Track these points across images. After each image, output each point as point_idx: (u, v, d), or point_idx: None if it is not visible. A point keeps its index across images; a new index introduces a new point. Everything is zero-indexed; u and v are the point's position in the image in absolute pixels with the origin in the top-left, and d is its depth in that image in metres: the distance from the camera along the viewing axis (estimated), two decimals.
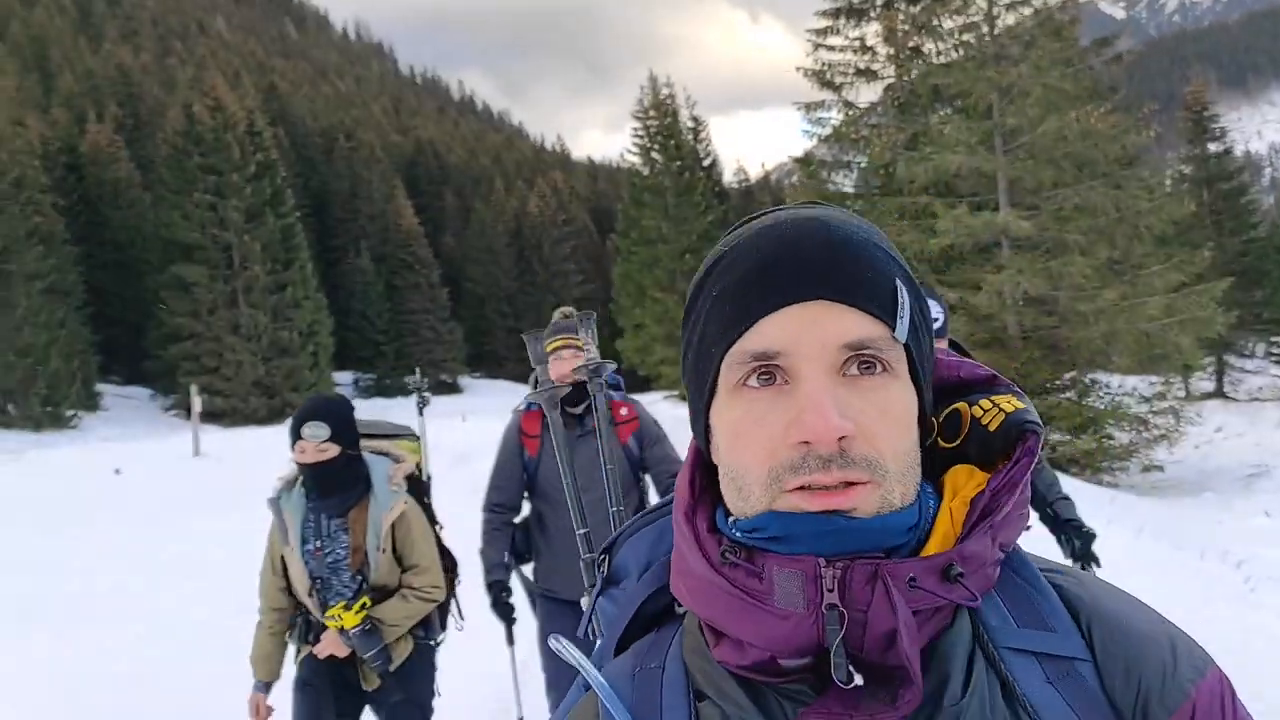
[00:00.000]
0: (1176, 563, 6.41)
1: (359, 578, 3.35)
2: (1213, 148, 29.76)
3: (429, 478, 3.78)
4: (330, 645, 3.33)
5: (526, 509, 4.09)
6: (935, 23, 13.42)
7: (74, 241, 40.12)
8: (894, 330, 0.70)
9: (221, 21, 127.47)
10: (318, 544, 3.34)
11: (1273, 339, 28.86)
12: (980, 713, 0.69)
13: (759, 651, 0.70)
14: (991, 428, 0.76)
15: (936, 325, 3.56)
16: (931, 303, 3.51)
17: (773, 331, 0.70)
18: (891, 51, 15.29)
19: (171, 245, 37.82)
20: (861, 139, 15.54)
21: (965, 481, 0.75)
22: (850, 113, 16.40)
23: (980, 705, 0.69)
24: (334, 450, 3.28)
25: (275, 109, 68.93)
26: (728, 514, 0.75)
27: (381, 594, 3.37)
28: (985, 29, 12.43)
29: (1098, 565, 3.75)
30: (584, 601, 1.65)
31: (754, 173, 74.11)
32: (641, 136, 37.95)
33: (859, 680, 0.67)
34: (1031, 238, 12.37)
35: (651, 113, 37.69)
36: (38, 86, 57.44)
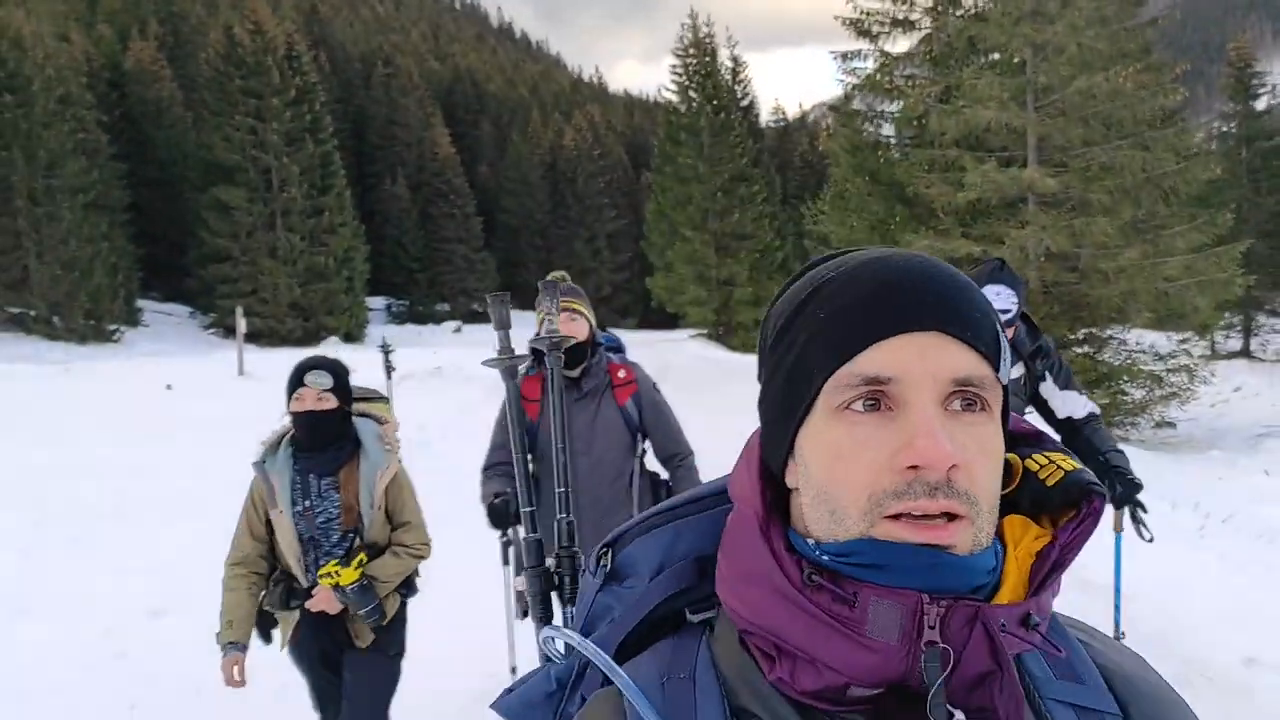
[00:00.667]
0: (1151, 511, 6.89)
1: (351, 536, 3.38)
2: (1257, 105, 29.40)
3: (391, 446, 3.73)
4: (324, 601, 3.35)
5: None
6: None
7: (117, 158, 40.78)
8: (998, 371, 0.73)
9: None
10: (307, 504, 3.36)
11: None
12: None
13: (835, 676, 0.71)
14: (1049, 483, 0.78)
15: (1009, 316, 3.78)
16: (1006, 294, 3.77)
17: (887, 357, 0.70)
18: (930, 3, 15.39)
19: (212, 166, 38.34)
20: (896, 89, 15.71)
21: (1022, 533, 0.77)
22: (886, 62, 16.52)
23: None
24: (333, 402, 3.34)
25: (315, 32, 68.94)
26: (803, 537, 0.76)
27: (373, 551, 3.42)
28: None
29: (1143, 510, 3.99)
30: (550, 561, 1.82)
31: (791, 112, 73.32)
32: (680, 74, 37.84)
33: (961, 717, 0.68)
34: (1057, 195, 12.59)
35: (691, 51, 37.52)
36: (81, 1, 57.79)
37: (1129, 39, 13.06)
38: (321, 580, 3.31)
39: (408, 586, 3.55)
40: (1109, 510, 4.01)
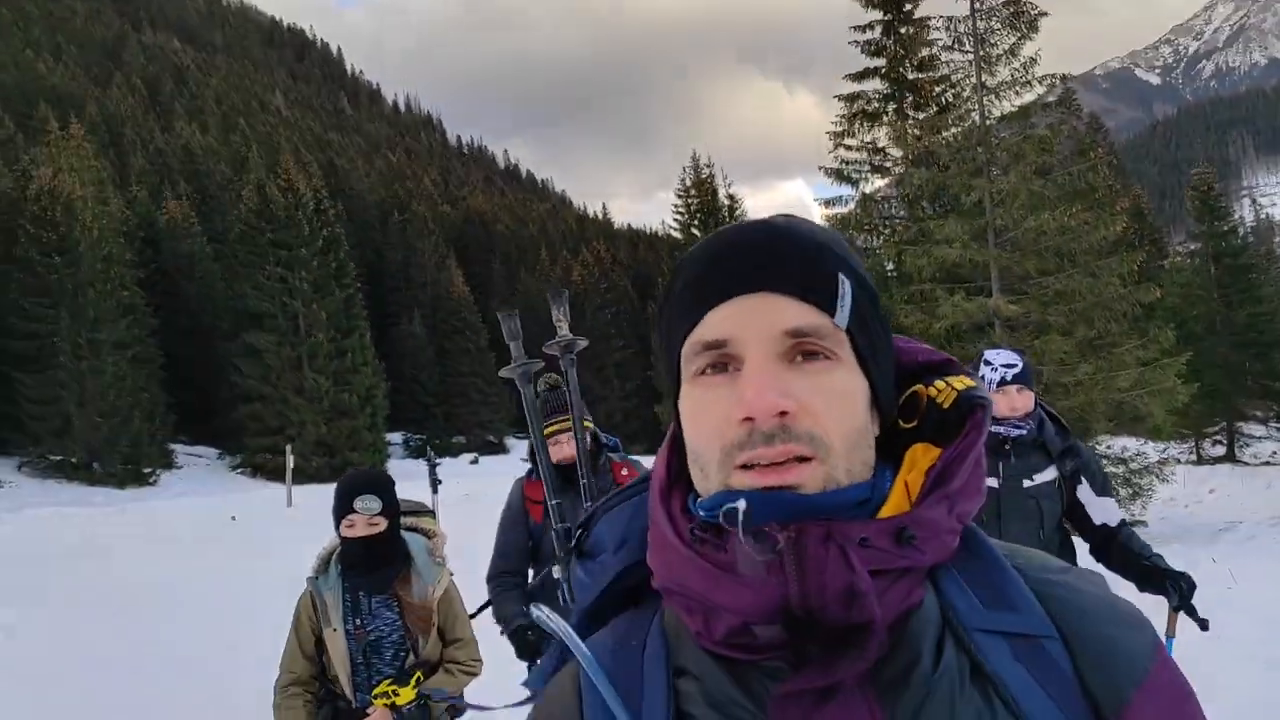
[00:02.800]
0: None
1: (403, 654, 3.36)
2: (1229, 222, 31.51)
3: (442, 561, 3.78)
4: None
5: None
6: (938, 133, 15.45)
7: (151, 311, 43.15)
8: (834, 318, 0.76)
9: (280, 98, 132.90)
10: (358, 622, 3.32)
11: None
12: (950, 692, 0.72)
13: (731, 618, 0.75)
14: (945, 405, 0.82)
15: (1015, 371, 3.79)
16: (1009, 353, 3.88)
17: (720, 321, 0.76)
18: (901, 154, 17.39)
19: (243, 314, 40.66)
20: (874, 229, 17.61)
21: (922, 457, 0.80)
22: (866, 205, 18.47)
23: (950, 684, 0.73)
24: (383, 524, 3.32)
25: (333, 183, 72.65)
26: (697, 497, 0.80)
27: (426, 669, 3.39)
28: (979, 143, 14.43)
29: (1197, 618, 3.62)
30: (556, 570, 2.05)
31: None
32: (682, 213, 40.42)
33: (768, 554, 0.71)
34: (1019, 319, 14.24)
35: (693, 190, 40.16)
36: (114, 165, 61.36)
37: (1073, 182, 14.89)
38: (377, 701, 3.28)
39: (454, 708, 3.52)
40: (1163, 613, 3.58)
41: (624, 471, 4.04)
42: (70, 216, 33.82)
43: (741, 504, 0.71)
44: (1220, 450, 29.01)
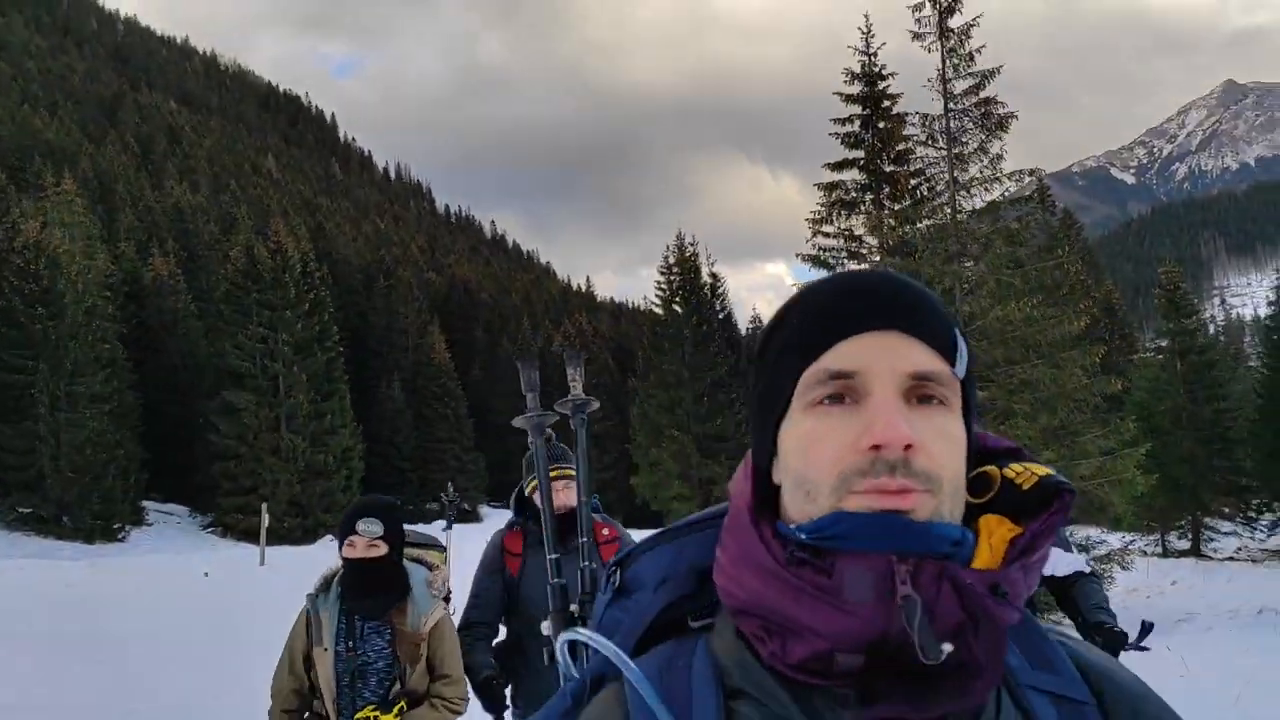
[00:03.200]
0: None
1: (386, 683, 3.36)
2: (1194, 321, 32.41)
3: (450, 592, 3.83)
4: None
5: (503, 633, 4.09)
6: (912, 224, 16.09)
7: (131, 367, 43.15)
8: (954, 367, 0.80)
9: (272, 161, 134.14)
10: (349, 645, 3.35)
11: (1251, 502, 30.71)
12: None
13: (819, 643, 0.75)
14: (1025, 487, 0.83)
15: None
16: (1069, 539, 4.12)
17: (849, 353, 0.79)
18: (877, 242, 18.03)
19: (223, 372, 40.73)
20: None
21: (997, 526, 0.82)
22: None
23: None
24: (383, 549, 3.35)
25: (321, 246, 73.27)
26: (787, 525, 0.81)
27: (411, 700, 3.40)
28: (951, 234, 15.05)
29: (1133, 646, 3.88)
30: (544, 625, 2.10)
31: (750, 321, 77.41)
32: (664, 289, 41.08)
33: (948, 649, 0.72)
34: (985, 405, 14.69)
35: (675, 268, 40.88)
36: (102, 221, 61.79)
37: (1041, 276, 15.51)
38: None
39: None
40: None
41: (605, 531, 4.04)
42: (55, 269, 34.06)
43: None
44: (1186, 544, 29.41)
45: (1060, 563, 4.04)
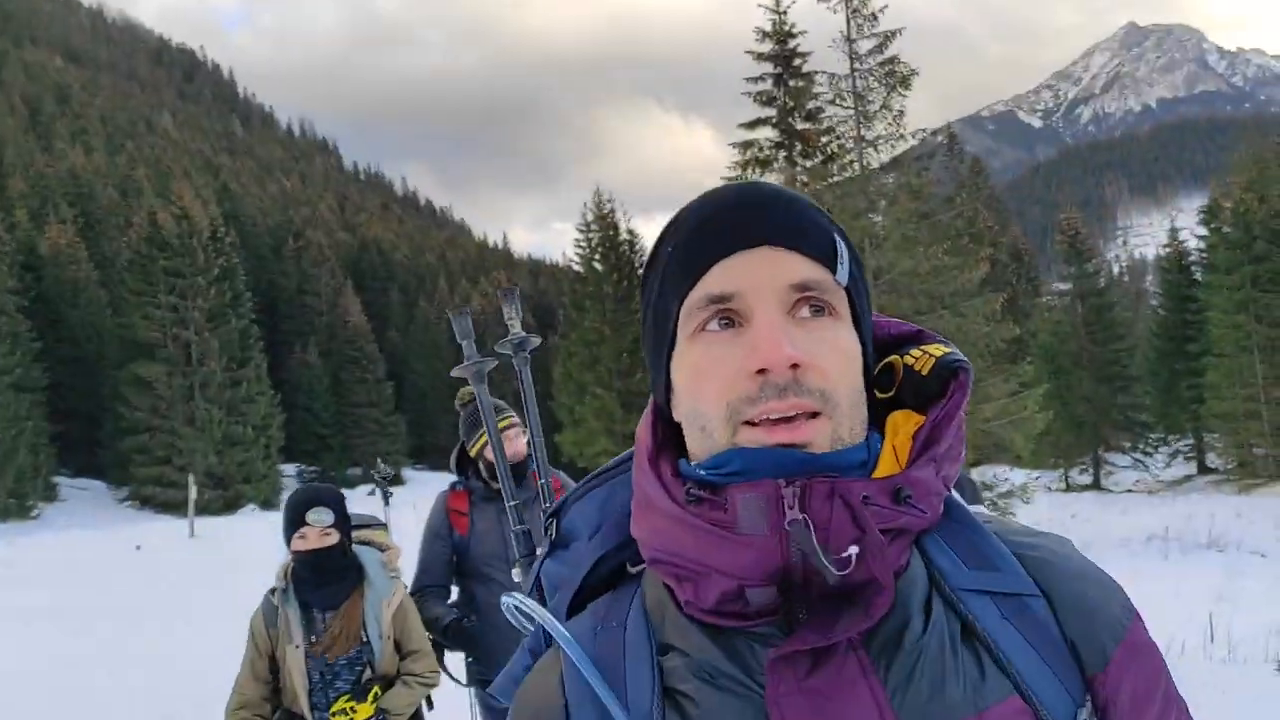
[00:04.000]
0: None
1: (356, 669, 3.31)
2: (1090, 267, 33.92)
3: (396, 573, 3.70)
4: None
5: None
6: (824, 180, 16.58)
7: (33, 339, 41.79)
8: (836, 274, 0.77)
9: (169, 118, 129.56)
10: (313, 639, 3.29)
11: (1148, 437, 32.53)
12: (940, 651, 0.73)
13: (726, 581, 0.73)
14: (924, 372, 0.81)
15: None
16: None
17: (725, 275, 0.75)
18: None
19: (131, 344, 39.74)
20: None
21: (904, 423, 0.80)
22: None
23: (939, 644, 0.73)
24: (336, 536, 3.28)
25: (227, 209, 71.37)
26: (689, 464, 0.79)
27: (384, 683, 3.35)
28: (860, 190, 15.60)
29: None
30: (515, 573, 2.06)
31: None
32: (584, 246, 41.20)
33: (854, 551, 0.70)
34: None
35: (594, 225, 41.00)
36: None
37: (946, 227, 16.17)
38: (335, 719, 3.26)
39: (415, 714, 3.52)
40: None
41: (553, 481, 4.06)
42: None
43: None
44: (1088, 479, 31.05)
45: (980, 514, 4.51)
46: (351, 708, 3.23)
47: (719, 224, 0.78)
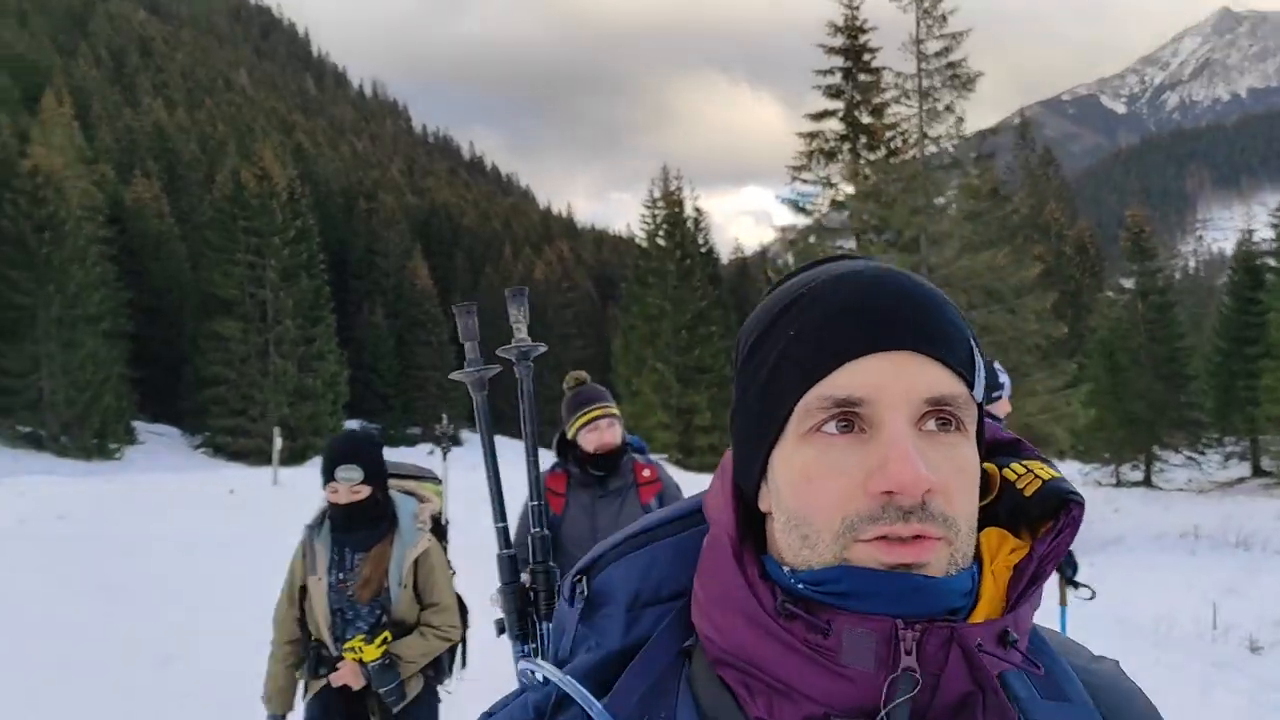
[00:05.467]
0: None
1: (377, 612, 3.43)
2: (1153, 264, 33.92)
3: (447, 522, 3.82)
4: (348, 676, 3.40)
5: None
6: (886, 175, 17.22)
7: (120, 288, 43.88)
8: (972, 390, 0.71)
9: (245, 75, 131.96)
10: (340, 576, 3.42)
11: (1203, 437, 32.54)
12: None
13: (813, 707, 0.68)
14: (1027, 493, 0.75)
15: (1004, 392, 4.27)
16: (997, 369, 4.29)
17: (856, 378, 0.68)
18: (853, 190, 19.13)
19: (211, 299, 41.58)
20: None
21: (998, 545, 0.75)
22: (820, 234, 20.22)
23: None
24: (366, 491, 3.40)
25: (301, 168, 73.28)
26: (778, 564, 0.73)
27: (400, 629, 3.46)
28: (919, 187, 16.21)
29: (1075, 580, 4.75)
30: (525, 577, 1.91)
31: (732, 251, 78.44)
32: (649, 223, 42.07)
33: None
34: None
35: (660, 202, 41.84)
36: (82, 140, 61.52)
37: (1003, 222, 16.71)
38: (345, 654, 3.40)
39: (436, 669, 3.59)
40: (1052, 586, 4.74)
41: (646, 473, 4.02)
42: (58, 194, 34.66)
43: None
44: (1139, 475, 31.23)
45: None
46: (360, 647, 3.37)
47: (855, 319, 0.70)
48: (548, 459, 3.38)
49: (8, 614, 7.38)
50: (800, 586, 0.70)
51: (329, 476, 3.39)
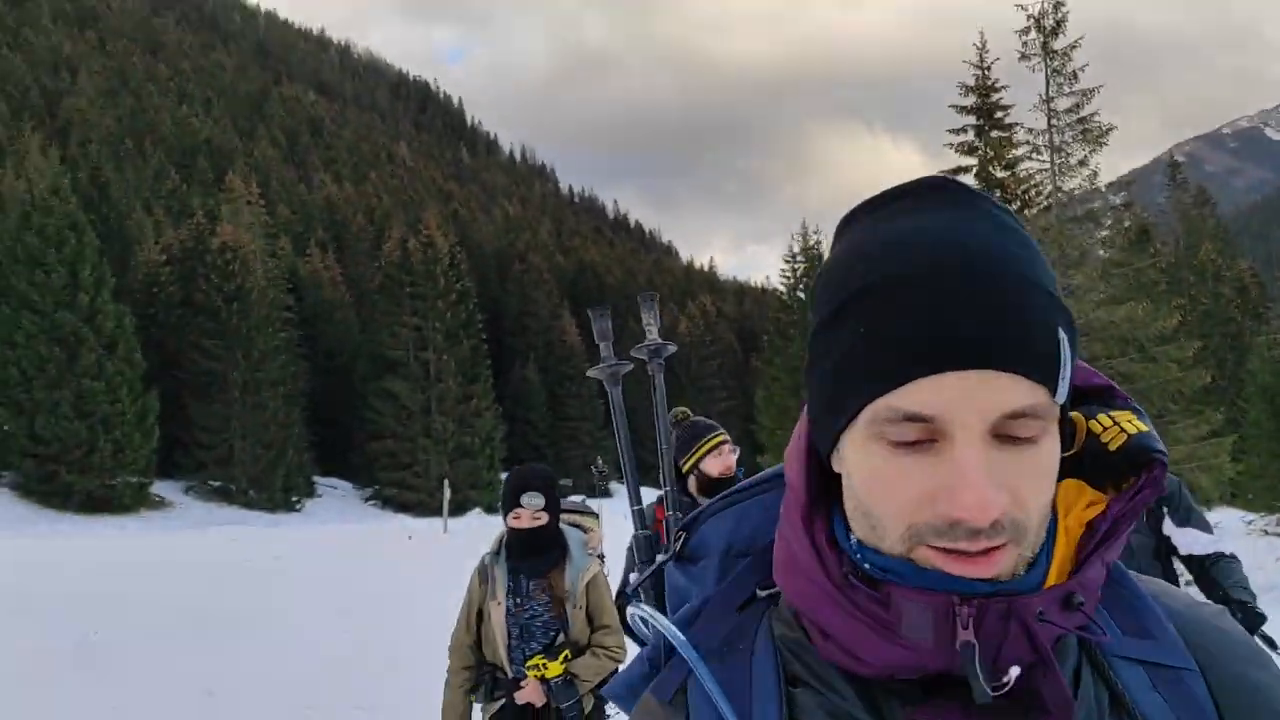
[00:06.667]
0: None
1: (554, 633, 3.66)
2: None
3: (603, 555, 4.03)
4: (531, 693, 3.59)
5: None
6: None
7: (300, 354, 47.54)
8: (1055, 394, 0.66)
9: (405, 148, 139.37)
10: (517, 601, 3.67)
11: None
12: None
13: (872, 667, 0.70)
14: (1111, 447, 0.73)
15: None
16: None
17: (929, 395, 0.65)
18: None
19: (379, 359, 44.59)
20: None
21: (1076, 498, 0.74)
22: None
23: (1087, 713, 0.69)
24: (546, 518, 3.65)
25: (458, 233, 77.29)
26: (847, 528, 0.73)
27: (574, 650, 3.66)
28: (1053, 241, 16.64)
29: (1270, 644, 3.74)
30: (632, 576, 2.93)
31: None
32: (789, 277, 43.01)
33: (1014, 674, 0.66)
34: None
35: (799, 256, 42.78)
36: (264, 213, 66.75)
37: (1138, 276, 16.92)
38: (529, 672, 3.59)
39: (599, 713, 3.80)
40: None
41: None
42: (244, 268, 38.24)
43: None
44: None
45: (1199, 542, 3.97)
46: (544, 664, 3.59)
47: (929, 332, 0.64)
48: (649, 494, 3.53)
49: (269, 630, 8.89)
50: (867, 567, 0.70)
51: (514, 503, 3.64)
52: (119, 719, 6.48)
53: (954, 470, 0.64)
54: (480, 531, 19.70)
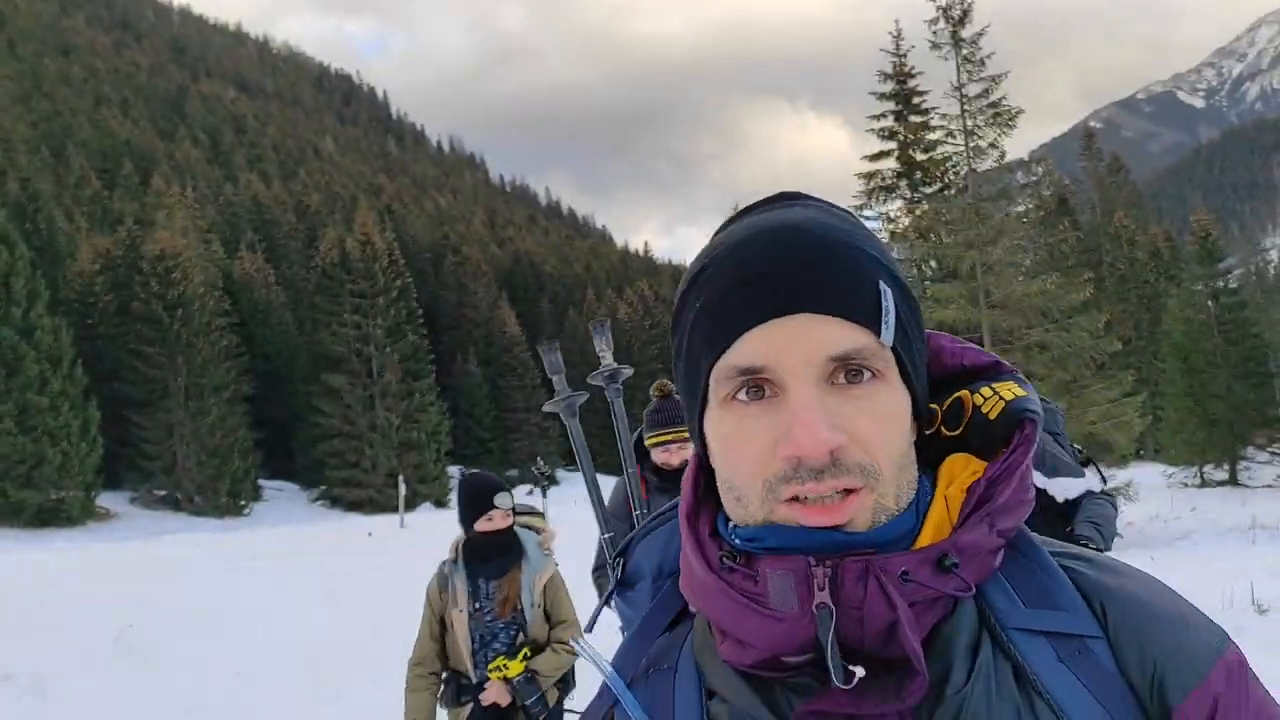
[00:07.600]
0: None
1: (514, 633, 3.79)
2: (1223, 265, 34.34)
3: (550, 552, 4.08)
4: (496, 694, 3.71)
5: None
6: (939, 211, 18.65)
7: (239, 355, 47.21)
8: (880, 336, 0.69)
9: (330, 142, 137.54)
10: (477, 605, 3.77)
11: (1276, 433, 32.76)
12: (986, 699, 0.68)
13: (759, 651, 0.72)
14: (992, 416, 0.76)
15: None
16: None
17: (756, 347, 0.69)
18: (910, 225, 20.55)
19: (320, 358, 44.56)
20: None
21: (961, 470, 0.75)
22: None
23: (985, 691, 0.69)
24: (511, 519, 3.84)
25: (391, 228, 76.87)
26: (728, 519, 0.76)
27: (534, 647, 3.79)
28: (969, 221, 17.60)
29: None
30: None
31: None
32: None
33: (860, 673, 0.67)
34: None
35: None
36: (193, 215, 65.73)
37: (1056, 248, 17.98)
38: (491, 674, 3.71)
39: (564, 682, 3.94)
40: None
41: None
42: (184, 275, 38.02)
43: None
44: (1224, 475, 31.50)
45: (1071, 488, 4.04)
46: (505, 664, 3.71)
47: (750, 288, 0.70)
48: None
49: (266, 619, 9.51)
50: (738, 542, 0.73)
51: (487, 505, 3.76)
52: (158, 700, 7.11)
53: (789, 413, 0.68)
54: (436, 526, 20.22)
